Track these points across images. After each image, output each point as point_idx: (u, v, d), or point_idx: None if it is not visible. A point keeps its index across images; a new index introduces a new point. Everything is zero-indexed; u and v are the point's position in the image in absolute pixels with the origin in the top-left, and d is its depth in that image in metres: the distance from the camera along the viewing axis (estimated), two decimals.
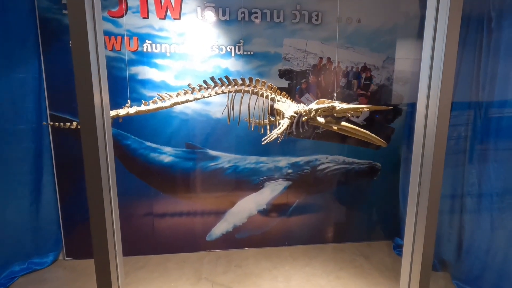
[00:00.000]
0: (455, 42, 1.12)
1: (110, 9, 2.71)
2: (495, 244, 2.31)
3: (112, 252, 1.17)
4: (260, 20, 2.91)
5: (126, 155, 2.97)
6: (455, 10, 1.09)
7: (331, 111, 1.76)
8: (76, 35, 0.90)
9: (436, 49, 1.15)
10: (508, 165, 2.25)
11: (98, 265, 1.13)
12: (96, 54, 0.96)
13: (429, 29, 1.16)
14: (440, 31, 1.13)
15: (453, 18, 1.09)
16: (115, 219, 1.17)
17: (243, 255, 3.17)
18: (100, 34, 0.98)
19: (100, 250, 1.11)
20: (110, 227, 1.14)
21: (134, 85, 2.84)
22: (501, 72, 2.25)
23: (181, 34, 2.83)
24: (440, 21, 1.13)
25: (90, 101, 0.94)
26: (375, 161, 3.37)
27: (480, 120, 2.47)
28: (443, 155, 1.22)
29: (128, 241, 3.09)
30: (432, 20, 1.15)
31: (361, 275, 2.82)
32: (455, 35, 1.11)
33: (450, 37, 1.10)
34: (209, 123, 3.00)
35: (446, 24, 1.10)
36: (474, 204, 2.49)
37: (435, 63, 1.16)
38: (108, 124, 1.07)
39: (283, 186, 3.25)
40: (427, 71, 1.20)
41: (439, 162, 1.21)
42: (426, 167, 1.24)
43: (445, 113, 1.18)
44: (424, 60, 1.21)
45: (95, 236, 1.09)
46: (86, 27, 0.90)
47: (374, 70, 3.18)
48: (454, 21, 1.10)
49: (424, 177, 1.25)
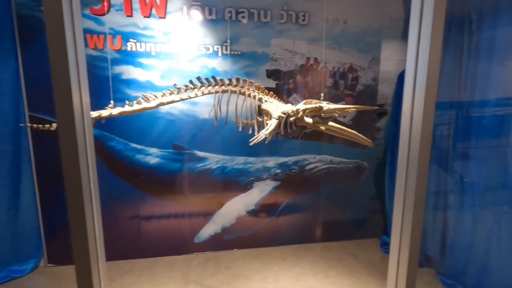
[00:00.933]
0: (439, 42, 1.14)
1: (92, 7, 2.63)
2: (477, 239, 2.39)
3: (94, 258, 1.12)
4: (248, 19, 2.89)
5: (111, 157, 2.88)
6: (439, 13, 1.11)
7: (319, 111, 1.76)
8: (53, 31, 0.85)
9: (420, 50, 1.17)
10: (488, 162, 2.32)
11: (79, 271, 1.08)
12: (75, 51, 0.92)
13: (414, 30, 1.18)
14: (425, 32, 1.14)
15: (437, 20, 1.11)
16: (97, 223, 1.12)
17: (232, 256, 3.15)
18: (79, 30, 0.93)
19: (81, 256, 1.06)
20: (92, 232, 1.09)
21: (118, 85, 2.76)
22: (482, 73, 2.33)
23: (166, 33, 2.78)
24: (425, 22, 1.14)
25: (68, 101, 0.90)
26: (362, 160, 3.41)
27: (462, 119, 2.54)
28: (428, 153, 1.23)
29: (114, 245, 3.01)
30: (416, 21, 1.17)
31: (349, 273, 2.85)
32: (439, 36, 1.12)
33: (434, 37, 1.12)
34: (196, 124, 2.96)
35: (431, 25, 1.11)
36: (457, 201, 2.56)
37: (420, 64, 1.17)
38: (88, 125, 1.02)
39: (272, 187, 3.25)
40: (412, 71, 1.21)
41: (425, 160, 1.23)
42: (412, 166, 1.25)
43: (430, 112, 1.20)
44: (409, 61, 1.22)
45: (75, 242, 1.04)
46: (63, 23, 0.85)
47: (360, 71, 3.22)
48: (438, 23, 1.11)
49: (410, 176, 1.27)
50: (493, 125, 2.28)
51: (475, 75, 2.38)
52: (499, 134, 2.24)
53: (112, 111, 1.58)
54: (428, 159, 1.25)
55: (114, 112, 1.58)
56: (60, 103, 0.93)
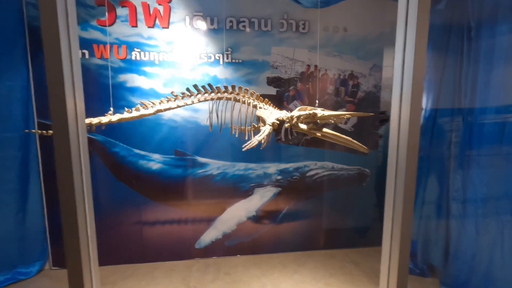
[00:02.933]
0: (423, 50, 1.16)
1: (99, 18, 2.74)
2: (481, 248, 2.33)
3: (86, 262, 1.16)
4: (249, 28, 2.96)
5: (115, 162, 2.96)
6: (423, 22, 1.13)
7: (313, 117, 1.79)
8: (48, 39, 0.91)
9: (406, 57, 1.19)
10: (490, 170, 2.29)
11: (71, 275, 1.12)
12: (70, 59, 0.98)
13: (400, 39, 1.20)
14: (410, 41, 1.16)
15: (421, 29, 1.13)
16: (90, 228, 1.16)
17: (232, 262, 3.15)
18: (74, 39, 1.00)
19: (73, 260, 1.10)
20: (84, 236, 1.13)
21: (123, 92, 2.85)
22: (482, 80, 2.31)
23: (169, 42, 2.86)
24: (409, 30, 1.16)
25: (62, 107, 0.95)
26: (364, 167, 3.39)
27: (464, 127, 2.51)
28: (416, 159, 1.24)
29: (117, 250, 3.06)
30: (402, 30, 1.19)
31: (350, 281, 2.81)
32: (423, 44, 1.14)
33: (418, 45, 1.14)
34: (198, 130, 3.01)
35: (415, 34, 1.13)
36: (460, 210, 2.52)
37: (406, 71, 1.19)
38: (83, 131, 1.07)
39: (273, 193, 3.26)
40: (399, 79, 1.23)
41: (412, 167, 1.23)
42: (400, 170, 1.26)
43: (417, 118, 1.21)
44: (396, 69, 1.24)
45: (67, 246, 1.08)
46: (59, 32, 0.91)
47: (361, 78, 3.23)
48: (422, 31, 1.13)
49: (399, 182, 1.27)
50: (495, 132, 2.24)
51: (475, 82, 2.37)
52: (501, 141, 2.21)
53: (111, 118, 1.65)
54: (416, 164, 1.25)
55: (113, 119, 1.64)
56: (55, 109, 0.99)
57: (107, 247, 3.02)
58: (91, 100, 2.76)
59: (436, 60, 2.74)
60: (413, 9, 1.13)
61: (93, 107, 2.73)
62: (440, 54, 2.69)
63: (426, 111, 2.82)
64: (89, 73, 2.77)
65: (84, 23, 2.73)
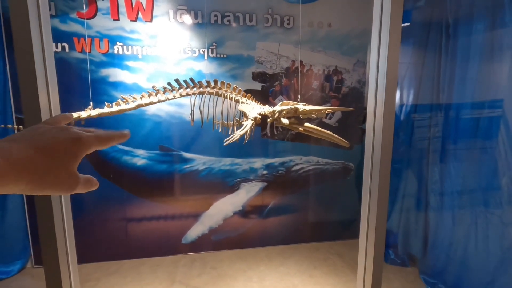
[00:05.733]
0: (397, 48, 1.19)
1: (79, 10, 2.67)
2: (456, 238, 2.43)
3: (63, 260, 1.15)
4: (234, 23, 2.95)
5: (98, 158, 2.91)
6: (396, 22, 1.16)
7: (295, 112, 1.81)
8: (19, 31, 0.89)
9: (380, 55, 1.22)
10: (466, 163, 2.38)
11: (48, 274, 1.11)
12: (42, 52, 0.96)
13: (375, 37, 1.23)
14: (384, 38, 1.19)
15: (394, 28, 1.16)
16: (67, 225, 1.15)
17: (219, 257, 3.17)
18: (47, 32, 0.97)
19: (50, 258, 1.09)
20: (61, 234, 1.12)
21: (105, 87, 2.80)
22: (458, 76, 2.39)
23: (153, 36, 2.82)
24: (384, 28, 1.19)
25: (35, 101, 0.93)
26: (348, 161, 3.46)
27: (442, 122, 2.59)
28: (390, 153, 1.28)
29: (101, 247, 3.03)
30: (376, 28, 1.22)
31: (334, 273, 2.89)
32: (396, 41, 1.18)
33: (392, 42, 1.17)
34: (183, 126, 3.00)
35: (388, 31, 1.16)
36: (438, 201, 2.61)
37: (380, 68, 1.23)
38: None
39: (259, 187, 3.28)
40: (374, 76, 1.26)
41: (387, 160, 1.27)
42: (376, 164, 1.30)
43: (391, 112, 1.25)
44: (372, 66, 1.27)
45: (44, 244, 1.07)
46: (29, 25, 0.89)
47: (345, 73, 3.28)
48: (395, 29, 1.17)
49: (374, 175, 1.32)
50: (470, 127, 2.33)
51: (452, 78, 2.44)
52: (475, 136, 2.30)
53: (91, 113, 1.62)
54: (390, 157, 1.30)
55: (93, 114, 1.62)
56: (27, 104, 0.97)
57: (91, 244, 2.99)
58: (72, 95, 2.70)
59: (417, 57, 2.80)
60: (387, 5, 1.16)
61: (74, 102, 2.68)
62: (420, 51, 2.76)
63: (407, 106, 2.90)
64: (70, 67, 2.70)
65: (63, 16, 2.65)
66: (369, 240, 1.32)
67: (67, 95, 2.64)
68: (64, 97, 1.01)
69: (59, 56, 2.65)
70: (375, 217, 1.27)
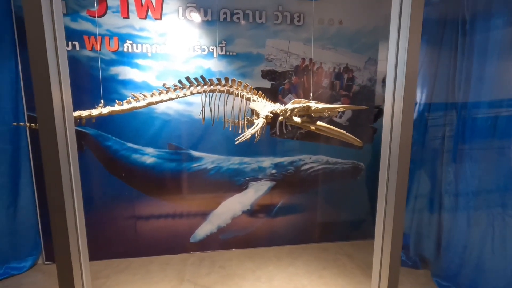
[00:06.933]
0: (417, 44, 1.14)
1: (89, 9, 2.67)
2: (471, 241, 2.36)
3: (75, 257, 1.14)
4: (243, 20, 2.92)
5: (108, 156, 2.92)
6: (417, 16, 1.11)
7: (307, 110, 1.77)
8: (32, 29, 0.88)
9: (400, 52, 1.17)
10: (482, 164, 2.31)
11: (61, 270, 1.11)
12: (55, 50, 0.94)
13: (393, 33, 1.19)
14: (403, 35, 1.15)
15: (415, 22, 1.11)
16: (80, 223, 1.14)
17: (227, 256, 3.16)
18: (60, 29, 0.96)
19: (62, 255, 1.09)
20: (73, 231, 1.11)
21: (115, 85, 2.80)
22: (475, 74, 2.31)
23: (162, 34, 2.81)
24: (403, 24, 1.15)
25: (48, 99, 0.93)
26: (358, 161, 3.40)
27: (457, 121, 2.52)
28: (409, 153, 1.24)
29: (111, 244, 3.05)
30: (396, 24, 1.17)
31: (343, 274, 2.85)
32: (417, 38, 1.13)
33: (412, 39, 1.13)
34: (192, 124, 2.99)
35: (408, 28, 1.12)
36: (452, 203, 2.54)
37: (399, 65, 1.18)
38: (70, 124, 1.05)
39: (267, 187, 3.26)
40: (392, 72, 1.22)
41: (405, 160, 1.23)
42: (393, 164, 1.26)
43: (410, 112, 1.20)
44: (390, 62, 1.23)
45: (56, 241, 1.06)
46: (43, 22, 0.88)
47: (356, 71, 3.22)
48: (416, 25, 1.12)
49: (391, 175, 1.27)
50: (487, 126, 2.26)
51: (469, 76, 2.37)
52: (493, 135, 2.23)
53: (102, 111, 1.62)
54: (409, 158, 1.25)
55: (104, 112, 1.61)
56: (40, 102, 0.96)
57: (100, 242, 3.01)
58: (83, 93, 2.72)
59: (431, 54, 2.73)
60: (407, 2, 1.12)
61: (85, 100, 2.68)
62: (434, 48, 2.69)
63: (420, 105, 2.83)
64: (80, 65, 2.71)
65: (73, 14, 2.66)
66: (385, 243, 1.28)
67: (77, 93, 2.64)
68: (74, 96, 1.00)
69: (69, 55, 2.66)
70: (391, 220, 1.23)
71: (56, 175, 1.00)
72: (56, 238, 1.07)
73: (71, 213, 1.11)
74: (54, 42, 0.96)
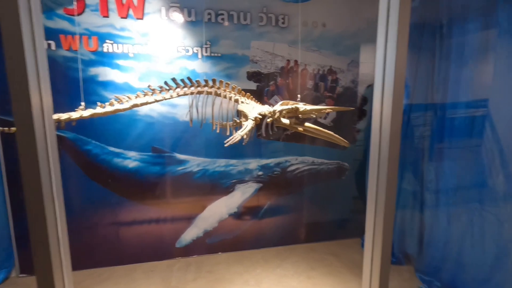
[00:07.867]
0: (405, 45, 1.17)
1: (66, 6, 2.55)
2: (452, 236, 2.46)
3: (57, 268, 1.06)
4: (228, 22, 2.89)
5: (87, 161, 2.79)
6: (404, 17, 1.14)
7: (296, 112, 1.78)
8: (9, 30, 0.81)
9: (388, 53, 1.19)
10: (460, 162, 2.41)
11: (41, 283, 1.03)
12: (34, 48, 0.88)
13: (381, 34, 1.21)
14: (391, 35, 1.17)
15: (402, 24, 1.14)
16: (62, 230, 1.07)
17: (214, 260, 3.11)
18: (38, 26, 0.89)
19: (43, 267, 1.01)
20: (55, 241, 1.04)
21: (95, 87, 2.69)
22: (453, 76, 2.41)
23: (144, 34, 2.73)
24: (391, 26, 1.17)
25: (26, 102, 0.86)
26: (343, 161, 3.46)
27: (436, 121, 2.62)
28: (398, 151, 1.26)
29: (92, 253, 2.91)
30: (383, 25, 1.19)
31: (331, 273, 2.87)
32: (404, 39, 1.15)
33: (400, 40, 1.15)
34: (176, 126, 2.92)
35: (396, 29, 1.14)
36: (433, 200, 2.64)
37: (388, 66, 1.20)
38: (50, 127, 0.98)
39: (254, 189, 3.24)
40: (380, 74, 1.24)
41: (394, 159, 1.25)
42: (383, 163, 1.27)
43: (398, 112, 1.22)
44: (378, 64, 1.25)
45: (36, 251, 0.98)
46: (20, 22, 0.82)
47: (339, 73, 3.27)
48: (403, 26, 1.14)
49: (381, 175, 1.29)
50: (465, 126, 2.36)
51: (447, 78, 2.47)
52: (471, 134, 2.33)
53: (83, 113, 1.53)
54: (398, 157, 1.27)
55: (85, 114, 1.53)
56: (17, 104, 0.89)
57: (81, 251, 2.86)
58: (59, 95, 2.58)
59: (411, 57, 2.82)
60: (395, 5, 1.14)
61: (62, 102, 2.56)
62: (414, 51, 2.78)
63: None
64: (56, 66, 2.58)
65: (49, 12, 2.52)
66: (375, 242, 1.30)
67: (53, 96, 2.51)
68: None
69: None
70: (382, 219, 1.24)
71: (36, 181, 0.93)
72: (36, 248, 1.00)
73: (52, 221, 1.04)
74: (32, 38, 0.89)
